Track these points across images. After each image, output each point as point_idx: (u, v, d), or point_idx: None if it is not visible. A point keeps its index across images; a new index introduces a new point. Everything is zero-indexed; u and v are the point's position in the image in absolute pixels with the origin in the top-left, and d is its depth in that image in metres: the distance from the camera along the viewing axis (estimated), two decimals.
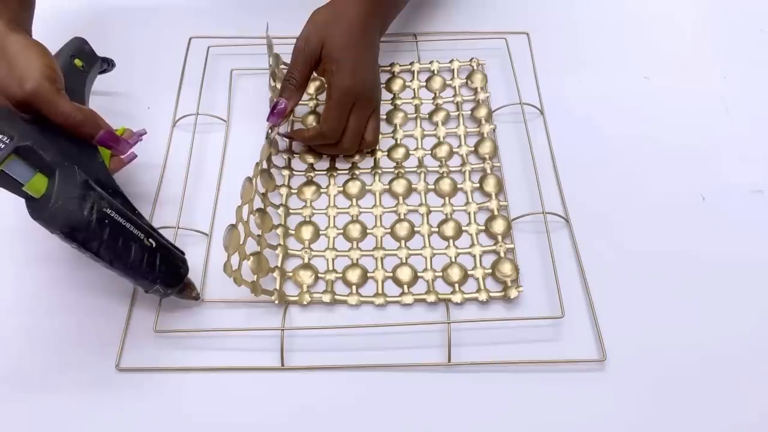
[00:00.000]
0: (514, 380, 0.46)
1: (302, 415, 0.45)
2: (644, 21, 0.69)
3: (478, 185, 0.56)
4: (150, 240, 0.45)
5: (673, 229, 0.53)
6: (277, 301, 0.49)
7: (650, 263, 0.51)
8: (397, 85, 0.64)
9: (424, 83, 0.64)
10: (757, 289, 0.50)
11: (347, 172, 0.58)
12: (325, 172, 0.58)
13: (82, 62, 0.52)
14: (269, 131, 0.55)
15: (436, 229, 0.54)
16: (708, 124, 0.60)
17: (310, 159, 0.58)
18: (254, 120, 0.59)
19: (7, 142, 0.40)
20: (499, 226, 0.53)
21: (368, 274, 0.51)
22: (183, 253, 0.48)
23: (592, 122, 0.60)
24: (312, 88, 0.63)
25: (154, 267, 0.45)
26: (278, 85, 0.57)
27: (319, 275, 0.51)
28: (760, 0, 0.71)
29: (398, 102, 0.62)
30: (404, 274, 0.51)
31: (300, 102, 0.57)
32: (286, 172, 0.57)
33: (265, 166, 0.55)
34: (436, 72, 0.64)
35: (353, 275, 0.51)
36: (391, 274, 0.51)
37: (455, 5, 0.70)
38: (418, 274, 0.51)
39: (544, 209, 0.53)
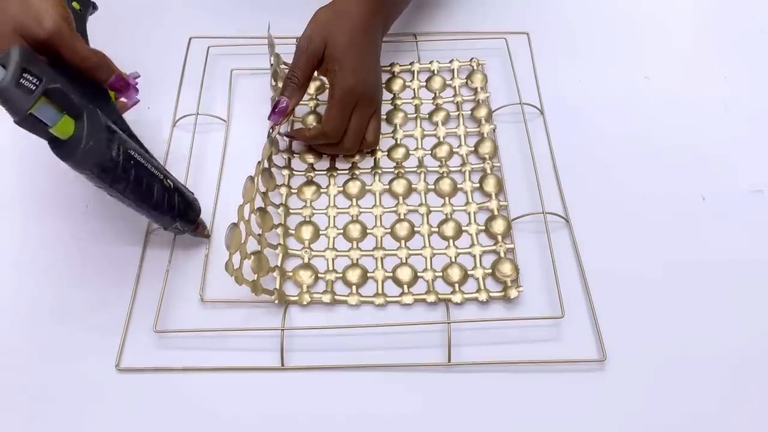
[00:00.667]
0: (514, 380, 0.46)
1: (302, 415, 0.45)
2: (644, 21, 0.69)
3: (478, 185, 0.56)
4: (168, 181, 0.48)
5: (673, 229, 0.53)
6: (277, 301, 0.49)
7: (650, 263, 0.51)
8: (397, 85, 0.64)
9: (424, 83, 0.64)
10: (757, 289, 0.50)
11: (347, 172, 0.58)
12: (325, 172, 0.58)
13: (80, 5, 0.52)
14: (271, 130, 0.55)
15: (436, 229, 0.54)
16: (708, 124, 0.60)
17: (310, 159, 0.58)
18: (254, 120, 0.59)
19: (37, 84, 0.40)
20: (499, 226, 0.53)
21: (368, 274, 0.51)
22: (192, 193, 0.51)
23: (592, 122, 0.60)
24: (312, 88, 0.63)
25: (174, 205, 0.48)
26: (280, 85, 0.57)
27: (319, 275, 0.51)
28: (760, 0, 0.71)
29: (398, 102, 0.62)
30: (404, 274, 0.51)
31: (300, 102, 0.57)
32: (285, 172, 0.57)
33: (266, 165, 0.55)
34: (436, 72, 0.64)
35: (353, 275, 0.51)
36: (391, 274, 0.51)
37: (455, 5, 0.70)
38: (418, 274, 0.51)
39: (544, 209, 0.53)
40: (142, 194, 0.45)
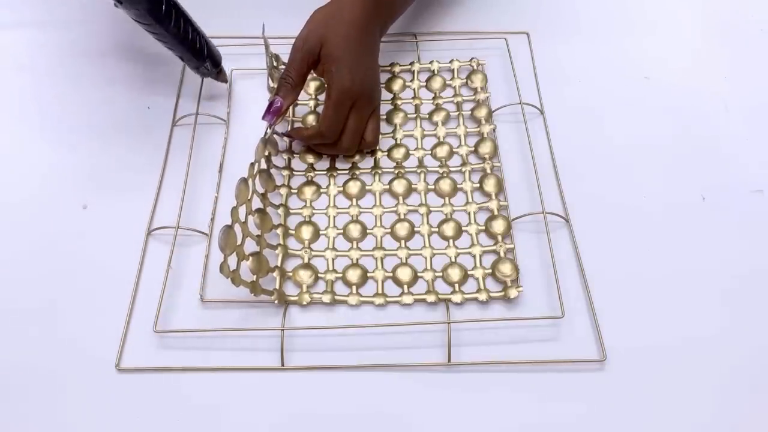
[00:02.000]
0: (514, 380, 0.46)
1: (302, 415, 0.45)
2: (644, 21, 0.69)
3: (478, 185, 0.56)
4: (197, 28, 0.55)
5: (673, 229, 0.53)
6: (276, 301, 0.49)
7: (650, 263, 0.51)
8: (397, 85, 0.64)
9: (424, 83, 0.64)
10: (757, 289, 0.50)
11: (347, 172, 0.58)
12: (325, 172, 0.58)
13: None
14: (268, 130, 0.55)
15: (436, 229, 0.54)
16: (708, 124, 0.60)
17: (310, 159, 0.58)
18: (254, 120, 0.59)
19: None
20: (499, 226, 0.53)
21: (368, 274, 0.51)
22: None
23: (592, 122, 0.60)
24: (312, 87, 0.63)
25: (204, 48, 0.56)
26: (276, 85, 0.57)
27: (319, 275, 0.51)
28: (760, 0, 0.71)
29: (398, 102, 0.62)
30: (404, 274, 0.51)
31: (300, 102, 0.57)
32: (285, 172, 0.57)
33: (264, 166, 0.55)
34: (436, 72, 0.64)
35: (353, 275, 0.51)
36: (391, 274, 0.51)
37: (455, 5, 0.70)
38: (418, 274, 0.51)
39: (544, 209, 0.53)
40: (181, 34, 0.54)
